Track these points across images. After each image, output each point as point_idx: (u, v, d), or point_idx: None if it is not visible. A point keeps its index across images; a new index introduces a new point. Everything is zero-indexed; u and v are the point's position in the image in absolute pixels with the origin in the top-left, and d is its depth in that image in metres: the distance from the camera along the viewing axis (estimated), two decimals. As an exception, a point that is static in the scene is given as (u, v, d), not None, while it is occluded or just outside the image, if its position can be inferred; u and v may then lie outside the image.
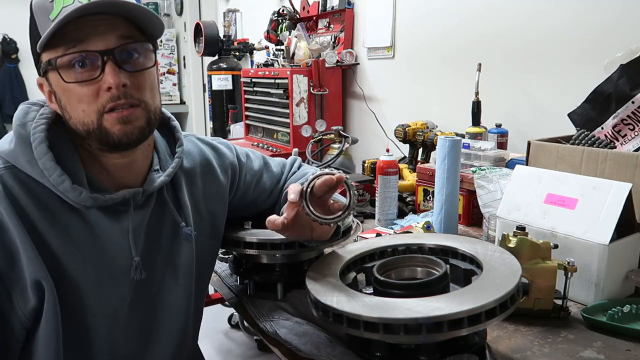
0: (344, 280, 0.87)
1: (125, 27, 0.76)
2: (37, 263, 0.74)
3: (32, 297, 0.76)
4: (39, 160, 0.74)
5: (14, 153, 0.76)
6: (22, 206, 0.75)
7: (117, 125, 0.75)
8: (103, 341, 0.83)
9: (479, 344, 0.79)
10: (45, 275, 0.75)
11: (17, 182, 0.75)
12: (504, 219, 1.15)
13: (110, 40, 0.74)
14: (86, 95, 0.74)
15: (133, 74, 0.76)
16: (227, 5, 4.42)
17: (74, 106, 0.76)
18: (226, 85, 3.68)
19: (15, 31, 6.29)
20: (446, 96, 2.19)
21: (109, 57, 0.73)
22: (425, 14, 2.25)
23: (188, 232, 0.90)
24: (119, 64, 0.74)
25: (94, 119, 0.75)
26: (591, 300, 1.00)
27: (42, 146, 0.75)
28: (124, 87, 0.75)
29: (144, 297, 0.87)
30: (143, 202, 0.85)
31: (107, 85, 0.73)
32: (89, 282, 0.80)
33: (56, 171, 0.75)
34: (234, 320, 2.70)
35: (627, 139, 1.22)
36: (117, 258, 0.82)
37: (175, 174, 0.90)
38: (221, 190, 1.01)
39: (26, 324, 0.78)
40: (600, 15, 1.57)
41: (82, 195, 0.75)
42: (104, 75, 0.73)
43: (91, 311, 0.81)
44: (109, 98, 0.74)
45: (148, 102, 0.79)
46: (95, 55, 0.73)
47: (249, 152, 1.12)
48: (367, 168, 1.95)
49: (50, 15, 0.73)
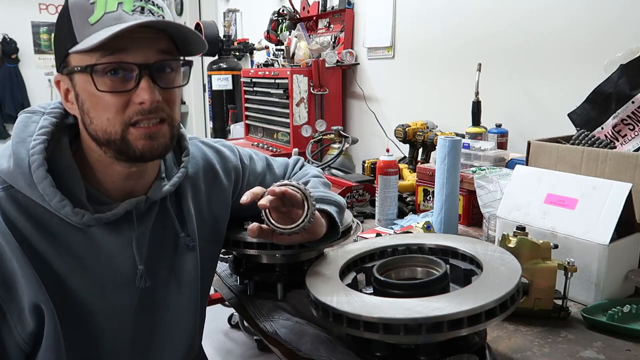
0: (344, 280, 0.87)
1: (166, 42, 0.75)
2: (36, 287, 0.73)
3: (31, 321, 0.74)
4: (38, 184, 0.72)
5: (13, 174, 0.74)
6: (21, 230, 0.73)
7: (141, 140, 0.74)
8: (111, 352, 0.82)
9: (479, 344, 0.79)
10: (45, 299, 0.73)
11: (14, 205, 0.74)
12: (504, 219, 1.15)
13: (150, 55, 0.73)
14: (115, 105, 0.72)
15: (165, 90, 0.75)
16: (227, 5, 4.42)
17: (99, 113, 0.74)
18: (226, 85, 3.67)
19: (15, 31, 6.30)
20: (446, 96, 2.19)
21: (146, 71, 0.72)
22: (425, 14, 2.25)
23: (187, 243, 0.90)
24: (155, 79, 0.73)
25: (119, 129, 0.73)
26: (591, 300, 1.00)
27: (40, 170, 0.73)
28: (157, 103, 0.74)
29: (149, 305, 0.86)
30: (146, 211, 0.85)
31: (140, 100, 0.72)
32: (93, 295, 0.79)
33: (56, 196, 0.73)
34: (234, 320, 2.70)
35: (627, 139, 1.22)
36: (122, 268, 0.82)
37: (180, 183, 0.90)
38: (224, 194, 1.01)
39: (25, 349, 0.76)
40: (600, 15, 1.57)
41: (84, 217, 0.74)
42: (138, 89, 0.72)
43: (98, 323, 0.80)
44: (138, 111, 0.73)
45: (175, 118, 0.79)
46: (133, 67, 0.72)
47: (252, 154, 1.11)
48: (367, 168, 1.95)
49: (90, 19, 0.70)
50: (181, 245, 0.90)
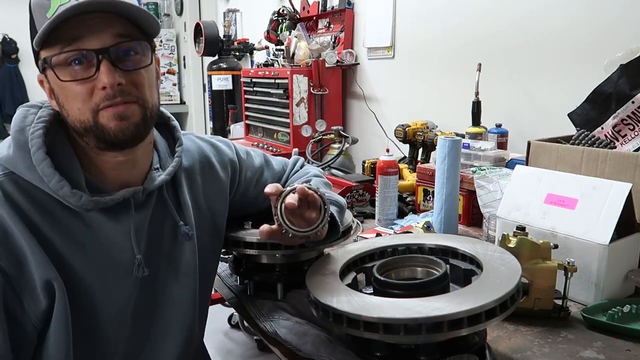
0: (344, 280, 0.87)
1: (122, 25, 0.76)
2: (46, 264, 0.74)
3: (43, 298, 0.76)
4: (37, 166, 0.74)
5: (12, 160, 0.76)
6: (24, 211, 0.75)
7: (112, 122, 0.76)
8: (111, 339, 0.84)
9: (479, 344, 0.79)
10: (55, 276, 0.75)
11: (16, 188, 0.75)
12: (504, 219, 1.15)
13: (106, 39, 0.74)
14: (81, 93, 0.74)
15: (129, 72, 0.76)
16: (227, 5, 4.42)
17: (71, 104, 0.76)
18: (226, 85, 3.68)
19: (15, 31, 6.30)
20: (446, 96, 2.19)
21: (104, 55, 0.73)
22: (425, 14, 2.25)
23: (186, 231, 0.90)
24: (114, 62, 0.74)
25: (89, 117, 0.75)
26: (591, 300, 1.00)
27: (39, 152, 0.75)
28: (119, 86, 0.75)
29: (148, 295, 0.87)
30: (144, 201, 0.86)
31: (102, 84, 0.73)
32: (94, 282, 0.80)
33: (55, 177, 0.74)
34: (234, 320, 2.70)
35: (627, 139, 1.22)
36: (120, 257, 0.83)
37: (175, 173, 0.91)
38: (221, 187, 1.01)
39: (38, 326, 0.78)
40: (600, 15, 1.57)
41: (82, 199, 0.76)
42: (99, 74, 0.73)
43: (98, 310, 0.81)
44: (104, 97, 0.74)
45: (145, 99, 0.79)
46: (90, 53, 0.73)
47: (250, 150, 1.12)
48: (367, 168, 1.95)
49: (47, 13, 0.72)
50: (180, 234, 0.90)
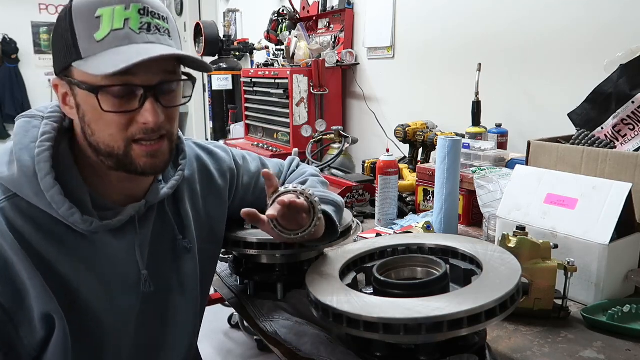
0: (344, 280, 0.87)
1: (172, 63, 0.76)
2: (46, 296, 0.73)
3: (41, 329, 0.75)
4: (46, 193, 0.72)
5: (17, 182, 0.73)
6: (27, 238, 0.73)
7: (143, 158, 0.75)
8: (113, 353, 0.83)
9: (479, 344, 0.79)
10: (55, 307, 0.74)
11: (19, 214, 0.73)
12: (504, 219, 1.15)
13: (154, 75, 0.73)
14: (119, 123, 0.73)
15: (167, 109, 0.76)
16: (227, 5, 4.42)
17: (102, 128, 0.74)
18: (226, 85, 3.68)
19: (15, 31, 6.30)
20: (446, 96, 2.19)
21: (150, 92, 0.72)
22: (425, 14, 2.25)
23: (185, 245, 0.90)
24: (158, 98, 0.74)
25: (122, 145, 0.74)
26: (591, 300, 1.00)
27: (48, 178, 0.72)
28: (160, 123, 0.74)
29: (151, 308, 0.87)
30: (145, 214, 0.85)
31: (145, 120, 0.72)
32: (99, 300, 0.79)
33: (65, 205, 0.73)
34: (234, 320, 2.70)
35: (627, 139, 1.22)
36: (126, 273, 0.82)
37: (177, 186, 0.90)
38: (220, 195, 1.01)
39: (33, 354, 0.77)
40: (600, 15, 1.57)
41: (92, 225, 0.75)
42: (143, 110, 0.72)
43: (101, 326, 0.80)
44: (141, 130, 0.73)
45: (173, 133, 0.80)
46: (138, 89, 0.72)
47: (246, 155, 1.12)
48: (367, 168, 1.95)
49: (96, 35, 0.70)
50: (179, 247, 0.90)
